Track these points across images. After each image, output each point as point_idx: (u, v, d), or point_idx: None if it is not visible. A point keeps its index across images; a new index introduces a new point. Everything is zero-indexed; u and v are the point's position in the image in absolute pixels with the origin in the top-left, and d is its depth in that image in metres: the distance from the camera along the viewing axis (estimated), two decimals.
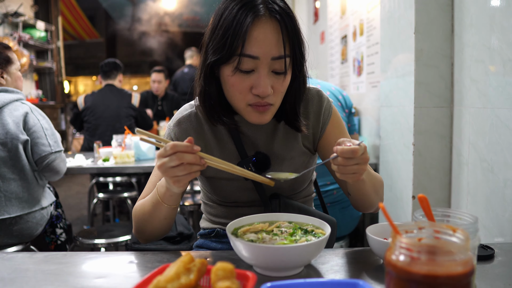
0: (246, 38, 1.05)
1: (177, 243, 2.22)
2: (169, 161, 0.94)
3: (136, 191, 3.70)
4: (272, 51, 1.07)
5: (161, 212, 1.12)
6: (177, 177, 0.96)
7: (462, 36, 1.84)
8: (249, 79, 1.09)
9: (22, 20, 6.78)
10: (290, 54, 1.10)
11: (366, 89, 3.16)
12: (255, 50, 1.06)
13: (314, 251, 0.94)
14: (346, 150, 0.99)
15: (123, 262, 1.08)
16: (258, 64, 1.08)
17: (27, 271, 1.01)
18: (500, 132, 1.54)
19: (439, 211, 0.89)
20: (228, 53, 1.07)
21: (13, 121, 2.00)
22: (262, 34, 1.05)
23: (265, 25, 1.06)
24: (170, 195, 1.08)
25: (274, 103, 1.14)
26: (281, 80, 1.12)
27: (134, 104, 4.13)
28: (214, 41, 1.10)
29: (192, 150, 0.95)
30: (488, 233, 1.60)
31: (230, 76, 1.10)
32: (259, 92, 1.09)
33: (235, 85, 1.11)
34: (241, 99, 1.12)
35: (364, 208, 1.30)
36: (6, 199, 1.97)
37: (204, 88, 1.17)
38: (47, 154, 2.12)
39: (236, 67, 1.08)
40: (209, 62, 1.12)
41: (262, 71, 1.08)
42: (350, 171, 1.01)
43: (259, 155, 1.26)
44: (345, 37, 3.77)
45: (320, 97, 1.33)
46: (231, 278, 0.71)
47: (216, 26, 1.10)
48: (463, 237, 0.66)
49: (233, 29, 1.05)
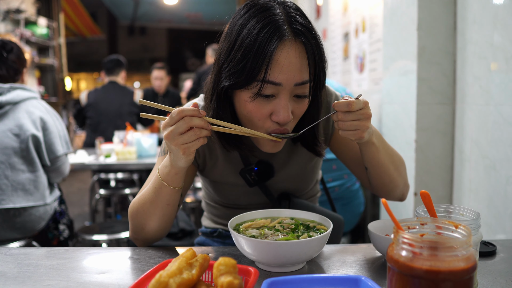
0: (270, 64, 0.96)
1: (179, 239, 2.22)
2: (176, 128, 0.91)
3: (137, 188, 3.71)
4: (296, 77, 0.99)
5: (164, 196, 1.06)
6: (186, 144, 0.93)
7: (464, 33, 1.83)
8: (269, 105, 1.02)
9: (24, 17, 6.78)
10: (313, 78, 1.02)
11: (368, 86, 3.16)
12: (279, 77, 0.97)
13: (316, 247, 0.94)
14: (342, 103, 0.97)
15: (125, 257, 1.08)
16: (279, 90, 1.00)
17: (30, 266, 1.01)
18: (502, 129, 1.54)
19: (441, 207, 0.89)
20: (248, 78, 0.98)
21: (29, 117, 2.07)
22: (287, 60, 0.97)
23: (289, 50, 0.97)
24: (175, 172, 1.02)
25: (291, 129, 1.08)
26: (301, 104, 1.05)
27: (137, 101, 4.14)
28: (231, 63, 1.00)
29: (199, 114, 0.92)
30: (490, 229, 1.60)
31: (248, 102, 1.02)
32: (279, 120, 1.01)
33: (254, 111, 1.02)
34: (259, 126, 1.05)
35: (387, 189, 1.23)
36: (12, 189, 2.01)
37: (217, 112, 1.08)
38: (61, 155, 2.20)
39: (257, 93, 0.99)
40: (224, 86, 1.03)
41: (284, 97, 1.00)
42: (351, 126, 0.99)
43: (261, 165, 1.22)
44: (347, 34, 3.76)
45: (326, 93, 1.27)
46: (233, 273, 0.71)
47: (233, 46, 1.00)
48: (465, 233, 0.66)
49: (254, 53, 0.96)
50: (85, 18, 10.60)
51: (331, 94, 1.29)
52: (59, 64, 8.11)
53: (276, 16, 0.98)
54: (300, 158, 1.28)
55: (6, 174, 2.00)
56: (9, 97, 2.03)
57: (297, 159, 1.27)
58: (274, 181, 1.25)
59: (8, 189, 2.00)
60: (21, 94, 2.08)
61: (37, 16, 7.38)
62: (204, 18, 10.70)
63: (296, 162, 1.27)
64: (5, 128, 2.01)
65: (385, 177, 1.19)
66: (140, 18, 11.64)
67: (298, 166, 1.28)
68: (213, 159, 1.24)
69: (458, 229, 0.68)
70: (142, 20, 12.20)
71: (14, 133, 2.02)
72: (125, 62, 4.30)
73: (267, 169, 1.22)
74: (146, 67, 18.76)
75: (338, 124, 1.00)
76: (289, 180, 1.27)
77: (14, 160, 2.02)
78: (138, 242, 1.17)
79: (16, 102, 2.06)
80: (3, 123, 2.02)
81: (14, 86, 2.07)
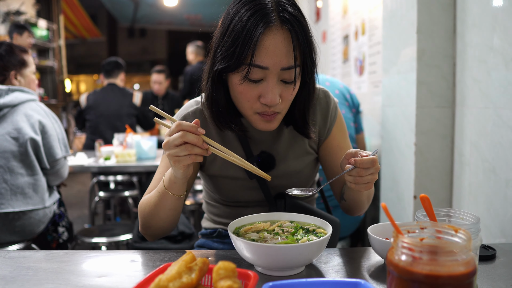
0: (256, 48, 1.02)
1: (178, 242, 2.22)
2: (172, 139, 0.95)
3: (137, 190, 3.71)
4: (282, 62, 1.04)
5: (166, 201, 1.12)
6: (177, 157, 0.97)
7: (464, 36, 1.84)
8: (257, 88, 1.08)
9: (24, 19, 6.79)
10: (300, 64, 1.08)
11: (367, 89, 3.16)
12: (265, 61, 1.03)
13: (316, 251, 0.94)
14: (366, 160, 1.01)
15: (125, 261, 1.08)
16: (267, 74, 1.06)
17: (29, 269, 1.01)
18: (502, 133, 1.54)
19: (441, 211, 0.89)
20: (237, 62, 1.04)
21: (28, 120, 2.05)
22: (273, 45, 1.03)
23: (275, 35, 1.03)
24: (174, 181, 1.07)
25: (281, 111, 1.14)
26: (289, 89, 1.10)
27: (136, 103, 4.14)
28: (223, 47, 1.07)
29: (196, 131, 0.96)
30: (489, 233, 1.60)
31: (238, 85, 1.08)
32: (267, 102, 1.07)
33: (243, 93, 1.09)
34: (248, 107, 1.11)
35: (353, 213, 1.34)
36: (11, 193, 2.00)
37: (212, 94, 1.15)
38: (60, 158, 2.19)
39: (245, 76, 1.05)
40: (216, 69, 1.10)
41: (271, 81, 1.06)
42: (365, 181, 1.03)
43: (264, 155, 1.26)
44: (347, 37, 3.76)
45: (327, 98, 1.33)
46: (233, 277, 0.71)
47: (226, 32, 1.07)
48: (465, 237, 0.66)
49: (243, 38, 1.02)
50: (85, 19, 10.61)
51: (331, 100, 1.33)
52: (58, 66, 8.11)
53: (265, 4, 1.05)
54: (299, 151, 1.30)
55: (5, 178, 1.99)
56: (7, 99, 2.01)
57: (295, 152, 1.30)
58: (272, 175, 1.26)
59: (7, 193, 1.99)
60: (20, 96, 2.06)
61: (37, 18, 7.39)
62: (203, 20, 10.69)
63: (294, 156, 1.30)
64: (3, 132, 2.00)
65: (358, 207, 1.29)
66: (140, 20, 11.63)
67: (296, 162, 1.30)
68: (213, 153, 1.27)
69: (458, 233, 0.68)
70: (142, 22, 12.19)
71: (12, 136, 2.00)
72: (124, 64, 4.30)
73: (269, 160, 1.26)
74: (146, 69, 18.78)
75: (355, 179, 1.04)
76: (287, 176, 1.29)
77: (13, 164, 2.00)
78: (147, 237, 1.24)
79: (15, 104, 2.04)
80: (2, 127, 2.01)
81: (12, 88, 2.06)
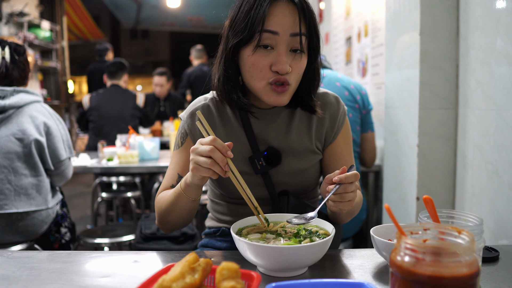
0: (266, 15, 1.11)
1: (180, 243, 2.23)
2: (202, 149, 1.01)
3: (139, 191, 3.71)
4: (290, 28, 1.13)
5: (181, 202, 1.17)
6: (198, 166, 1.03)
7: (467, 38, 1.84)
8: (269, 56, 1.14)
9: (27, 20, 6.81)
10: (306, 34, 1.16)
11: (370, 90, 3.16)
12: (275, 26, 1.12)
13: (319, 252, 0.94)
14: (350, 175, 1.04)
15: (128, 261, 1.09)
16: (277, 40, 1.13)
17: (32, 270, 1.01)
18: (505, 134, 1.54)
19: (444, 213, 0.89)
20: (250, 32, 1.13)
21: (32, 121, 2.05)
22: (281, 13, 1.12)
23: (283, 5, 1.13)
24: (189, 185, 1.12)
25: (292, 83, 1.18)
26: (298, 59, 1.16)
27: (139, 104, 4.14)
28: (236, 25, 1.16)
29: (226, 153, 1.02)
30: (492, 235, 1.60)
31: (250, 56, 1.15)
32: (278, 69, 1.13)
33: (256, 63, 1.15)
34: (261, 77, 1.16)
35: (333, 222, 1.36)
36: (15, 194, 2.00)
37: (225, 72, 1.22)
38: (64, 160, 2.19)
39: (257, 44, 1.13)
40: (230, 45, 1.17)
41: (281, 47, 1.13)
42: (347, 198, 1.05)
43: (271, 150, 1.28)
44: (349, 38, 3.76)
45: (338, 103, 1.37)
46: (236, 278, 0.71)
47: (237, 13, 1.17)
48: (468, 238, 0.66)
49: (254, 10, 1.12)
50: (88, 21, 10.64)
51: (341, 106, 1.38)
52: (61, 67, 8.13)
53: None
54: (306, 150, 1.33)
55: (9, 179, 2.00)
56: (12, 100, 2.02)
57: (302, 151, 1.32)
58: (277, 172, 1.30)
59: (11, 194, 2.00)
60: (25, 97, 2.07)
61: (40, 19, 7.41)
62: (206, 22, 10.71)
63: (300, 154, 1.32)
64: (8, 133, 2.00)
65: (339, 221, 1.32)
66: (142, 22, 11.65)
67: (303, 161, 1.32)
68: None
69: (461, 235, 0.68)
70: (145, 23, 12.21)
71: (17, 137, 2.01)
72: (127, 66, 4.31)
73: (275, 154, 1.28)
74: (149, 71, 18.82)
75: (341, 197, 1.06)
76: (292, 173, 1.31)
77: (17, 165, 2.01)
78: (164, 230, 1.30)
79: (20, 106, 2.05)
80: (7, 128, 2.01)
81: (17, 89, 2.06)
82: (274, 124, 1.30)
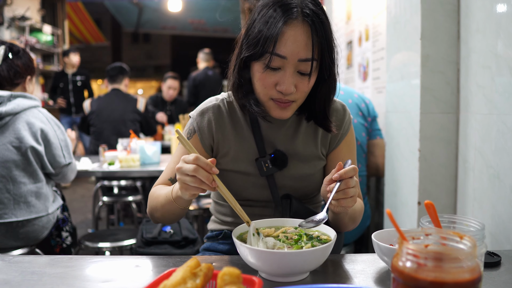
0: (277, 38, 1.11)
1: (182, 247, 2.23)
2: (186, 168, 1.00)
3: (140, 195, 3.71)
4: (299, 53, 1.13)
5: (170, 207, 1.19)
6: (186, 185, 1.02)
7: (468, 42, 1.84)
8: (275, 76, 1.16)
9: (29, 24, 6.83)
10: (317, 58, 1.16)
11: (371, 95, 3.16)
12: (284, 51, 1.12)
13: (320, 257, 0.94)
14: (348, 169, 1.05)
15: (129, 266, 1.08)
16: (285, 63, 1.14)
17: (34, 274, 1.01)
18: (506, 138, 1.53)
19: (446, 218, 0.89)
20: (261, 51, 1.14)
21: (29, 129, 2.02)
22: (293, 37, 1.12)
23: (296, 28, 1.12)
24: (180, 197, 1.12)
25: (296, 100, 1.21)
26: (305, 81, 1.17)
27: (140, 108, 4.14)
28: (249, 37, 1.18)
29: (210, 170, 1.00)
30: (494, 240, 1.59)
31: (260, 73, 1.17)
32: (282, 89, 1.15)
33: (262, 80, 1.18)
34: (265, 93, 1.19)
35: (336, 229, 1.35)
36: (14, 202, 1.98)
37: (238, 80, 1.24)
38: (63, 166, 2.17)
39: (267, 64, 1.14)
40: (243, 57, 1.20)
41: (288, 70, 1.15)
42: (350, 193, 1.05)
43: (278, 153, 1.30)
44: (350, 43, 3.77)
45: (345, 111, 1.39)
46: (238, 283, 0.71)
47: (253, 24, 1.18)
48: (470, 243, 0.66)
49: (267, 29, 1.13)
50: (90, 24, 10.67)
51: (347, 114, 1.39)
52: None
53: (291, 1, 1.15)
54: (312, 155, 1.34)
55: (8, 188, 1.97)
56: (9, 107, 1.97)
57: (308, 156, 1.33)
58: (282, 175, 1.31)
59: (10, 203, 1.97)
60: (22, 103, 2.03)
61: (42, 24, 7.43)
62: (207, 25, 10.74)
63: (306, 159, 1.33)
64: (5, 141, 1.97)
65: (340, 227, 1.29)
66: (144, 25, 11.69)
67: (308, 166, 1.33)
68: (226, 147, 1.32)
69: (463, 240, 0.68)
70: (146, 27, 12.24)
71: (14, 145, 1.98)
72: (128, 70, 4.31)
73: (282, 157, 1.30)
74: (150, 74, 18.81)
75: (343, 193, 1.06)
76: (298, 177, 1.32)
77: (15, 174, 1.98)
78: (153, 220, 1.32)
79: (17, 112, 2.01)
80: (3, 136, 1.98)
81: (14, 94, 2.02)
82: (282, 128, 1.33)
